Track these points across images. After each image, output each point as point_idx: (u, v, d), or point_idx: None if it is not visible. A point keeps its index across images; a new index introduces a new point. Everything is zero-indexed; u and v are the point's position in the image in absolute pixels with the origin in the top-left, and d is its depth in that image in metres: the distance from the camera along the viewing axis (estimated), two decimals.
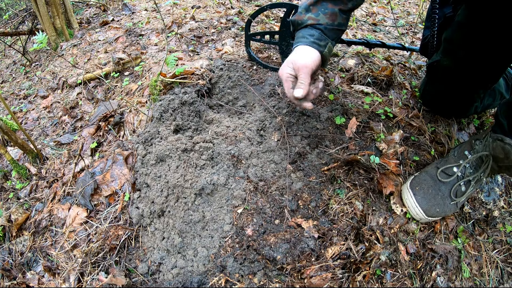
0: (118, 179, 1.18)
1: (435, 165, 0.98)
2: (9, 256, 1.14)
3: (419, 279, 0.91)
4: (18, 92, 2.16)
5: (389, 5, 2.47)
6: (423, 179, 0.96)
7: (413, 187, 0.96)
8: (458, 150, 0.98)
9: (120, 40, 2.04)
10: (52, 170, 1.37)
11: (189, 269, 0.92)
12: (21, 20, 3.07)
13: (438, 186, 0.94)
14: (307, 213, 0.95)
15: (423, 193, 0.94)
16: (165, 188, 1.03)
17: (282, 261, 0.85)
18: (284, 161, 1.06)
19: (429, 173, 0.97)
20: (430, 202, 0.93)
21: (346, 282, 0.84)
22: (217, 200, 0.99)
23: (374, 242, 0.91)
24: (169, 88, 1.32)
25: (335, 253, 0.87)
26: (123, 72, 1.71)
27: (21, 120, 1.84)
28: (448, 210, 0.94)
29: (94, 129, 1.46)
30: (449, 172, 0.94)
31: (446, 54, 1.00)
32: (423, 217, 0.94)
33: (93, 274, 0.98)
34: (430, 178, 0.96)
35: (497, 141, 0.85)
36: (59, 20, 2.29)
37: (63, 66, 2.10)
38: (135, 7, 2.54)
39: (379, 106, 1.23)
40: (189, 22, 2.00)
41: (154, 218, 1.04)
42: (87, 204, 1.14)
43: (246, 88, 1.35)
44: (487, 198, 1.10)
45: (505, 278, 1.00)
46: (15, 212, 1.24)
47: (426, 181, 0.95)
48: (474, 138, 0.97)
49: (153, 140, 1.14)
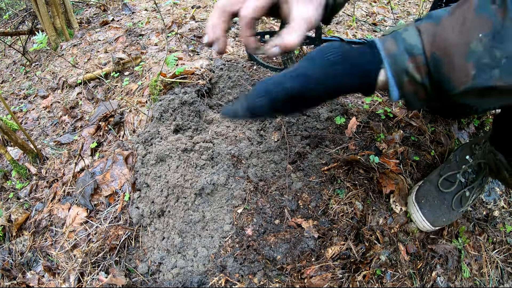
0: (118, 179, 1.18)
1: (438, 172, 0.98)
2: (9, 256, 1.14)
3: (419, 279, 0.91)
4: (18, 92, 2.16)
5: (389, 5, 2.47)
6: (427, 190, 0.96)
7: (418, 200, 0.95)
8: (459, 155, 0.97)
9: (120, 40, 2.04)
10: (52, 170, 1.37)
11: (189, 269, 0.92)
12: (21, 20, 3.07)
13: (443, 195, 0.93)
14: (307, 213, 0.95)
15: (429, 205, 0.93)
16: (165, 188, 1.03)
17: (282, 261, 0.85)
18: (284, 161, 1.06)
19: (433, 182, 0.96)
20: (436, 214, 0.92)
21: (346, 282, 0.84)
22: (217, 200, 0.99)
23: (374, 242, 0.91)
24: (169, 88, 1.32)
25: (335, 253, 0.87)
26: (123, 72, 1.71)
27: (21, 120, 1.84)
28: (454, 217, 0.94)
29: (94, 129, 1.46)
30: (452, 179, 0.94)
31: None
32: (430, 228, 0.94)
33: (93, 274, 0.98)
34: (434, 188, 0.95)
35: (491, 153, 0.85)
36: (59, 20, 2.29)
37: (63, 66, 2.10)
38: (135, 7, 2.54)
39: (379, 106, 1.23)
40: (189, 22, 2.00)
41: (154, 218, 1.04)
42: (87, 204, 1.14)
43: (246, 88, 1.35)
44: (487, 198, 1.10)
45: (505, 278, 1.00)
46: (15, 212, 1.24)
47: (431, 191, 0.95)
48: (474, 142, 0.96)
49: (153, 140, 1.14)
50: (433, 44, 0.42)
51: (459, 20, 0.40)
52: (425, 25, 0.44)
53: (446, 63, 0.41)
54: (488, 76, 0.39)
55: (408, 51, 0.44)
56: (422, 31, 0.44)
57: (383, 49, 0.47)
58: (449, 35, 0.41)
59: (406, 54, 0.44)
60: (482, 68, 0.39)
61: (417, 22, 0.46)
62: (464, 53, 0.39)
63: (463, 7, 0.41)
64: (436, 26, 0.43)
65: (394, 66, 0.45)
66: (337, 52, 0.48)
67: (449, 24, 0.41)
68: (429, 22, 0.44)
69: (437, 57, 0.42)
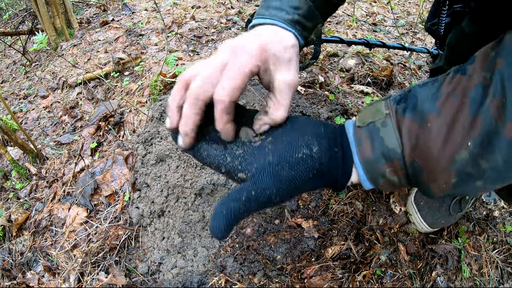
0: (118, 179, 1.18)
1: None
2: (9, 256, 1.14)
3: (419, 279, 0.91)
4: (18, 92, 2.16)
5: (389, 5, 2.47)
6: None
7: (417, 202, 0.95)
8: None
9: (120, 40, 2.04)
10: (52, 170, 1.37)
11: (189, 269, 0.92)
12: (21, 20, 3.07)
13: (442, 198, 0.93)
14: (307, 213, 0.95)
15: (428, 207, 0.93)
16: (165, 188, 1.03)
17: (282, 261, 0.85)
18: None
19: None
20: (435, 216, 0.92)
21: (346, 282, 0.84)
22: (217, 200, 0.99)
23: (374, 242, 0.91)
24: (169, 88, 1.32)
25: (335, 253, 0.87)
26: (123, 72, 1.71)
27: (21, 120, 1.84)
28: (453, 220, 0.94)
29: (94, 129, 1.46)
30: None
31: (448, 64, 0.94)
32: (428, 230, 0.94)
33: (93, 274, 0.98)
34: None
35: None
36: (59, 20, 2.29)
37: (63, 66, 2.10)
38: (135, 7, 2.54)
39: None
40: (189, 22, 2.01)
41: (154, 218, 1.04)
42: (87, 204, 1.14)
43: (246, 88, 1.35)
44: (487, 198, 1.10)
45: (505, 278, 1.00)
46: (15, 212, 1.24)
47: None
48: None
49: (153, 140, 1.14)
50: (414, 151, 0.36)
51: (447, 121, 0.34)
52: (407, 122, 0.37)
53: (426, 173, 0.36)
54: (469, 187, 0.35)
55: (385, 156, 0.38)
56: (403, 132, 0.37)
57: (357, 152, 0.41)
58: (433, 144, 0.35)
59: (383, 159, 0.39)
60: (464, 179, 0.34)
61: (398, 107, 0.38)
62: (447, 165, 0.34)
63: (457, 98, 0.34)
64: (420, 129, 0.36)
65: (370, 171, 0.40)
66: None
67: (435, 129, 0.35)
68: (412, 119, 0.37)
69: (417, 165, 0.37)
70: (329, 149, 0.41)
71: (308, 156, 0.40)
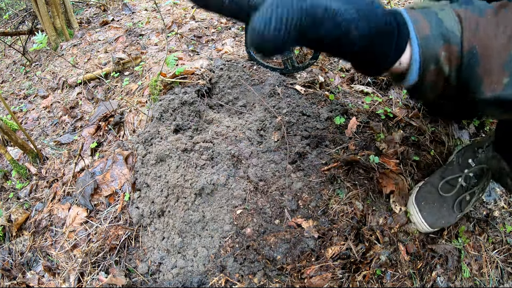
0: (118, 179, 1.18)
1: (439, 174, 0.97)
2: (9, 256, 1.14)
3: (419, 279, 0.91)
4: (18, 92, 2.16)
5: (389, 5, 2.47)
6: (427, 191, 0.95)
7: (418, 202, 0.95)
8: (461, 158, 0.96)
9: (120, 40, 2.04)
10: (52, 170, 1.37)
11: (189, 269, 0.92)
12: (21, 20, 3.07)
13: (443, 198, 0.92)
14: (307, 213, 0.95)
15: (429, 207, 0.93)
16: (165, 188, 1.03)
17: (282, 261, 0.85)
18: (284, 161, 1.06)
19: (434, 184, 0.95)
20: (436, 216, 0.92)
21: (346, 282, 0.84)
22: (217, 200, 0.99)
23: (374, 242, 0.91)
24: (169, 88, 1.32)
25: (335, 253, 0.87)
26: (123, 72, 1.71)
27: (21, 120, 1.84)
28: (453, 220, 0.93)
29: (94, 129, 1.46)
30: (453, 183, 0.93)
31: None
32: (428, 230, 0.94)
33: (93, 274, 0.98)
34: (435, 191, 0.94)
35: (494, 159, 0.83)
36: (59, 20, 2.29)
37: (63, 66, 2.10)
38: (135, 7, 2.54)
39: (379, 106, 1.23)
40: (189, 22, 2.01)
41: (154, 218, 1.04)
42: (87, 204, 1.14)
43: (246, 88, 1.35)
44: (488, 198, 1.10)
45: (505, 278, 1.00)
46: (15, 212, 1.24)
47: (431, 193, 0.94)
48: (477, 145, 0.94)
49: (153, 140, 1.14)
50: (475, 36, 0.36)
51: (504, 22, 0.35)
52: (465, 11, 0.37)
53: (483, 63, 0.36)
54: None
55: (444, 36, 0.36)
56: (462, 17, 0.37)
57: (413, 28, 0.38)
58: (494, 33, 0.35)
59: (441, 40, 0.37)
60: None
61: (452, 4, 0.39)
62: (504, 59, 0.35)
63: (510, 9, 0.36)
64: (480, 18, 0.36)
65: (425, 50, 0.38)
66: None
67: (495, 22, 0.35)
68: (470, 11, 0.37)
69: (476, 53, 0.36)
70: (386, 13, 0.38)
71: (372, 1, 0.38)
